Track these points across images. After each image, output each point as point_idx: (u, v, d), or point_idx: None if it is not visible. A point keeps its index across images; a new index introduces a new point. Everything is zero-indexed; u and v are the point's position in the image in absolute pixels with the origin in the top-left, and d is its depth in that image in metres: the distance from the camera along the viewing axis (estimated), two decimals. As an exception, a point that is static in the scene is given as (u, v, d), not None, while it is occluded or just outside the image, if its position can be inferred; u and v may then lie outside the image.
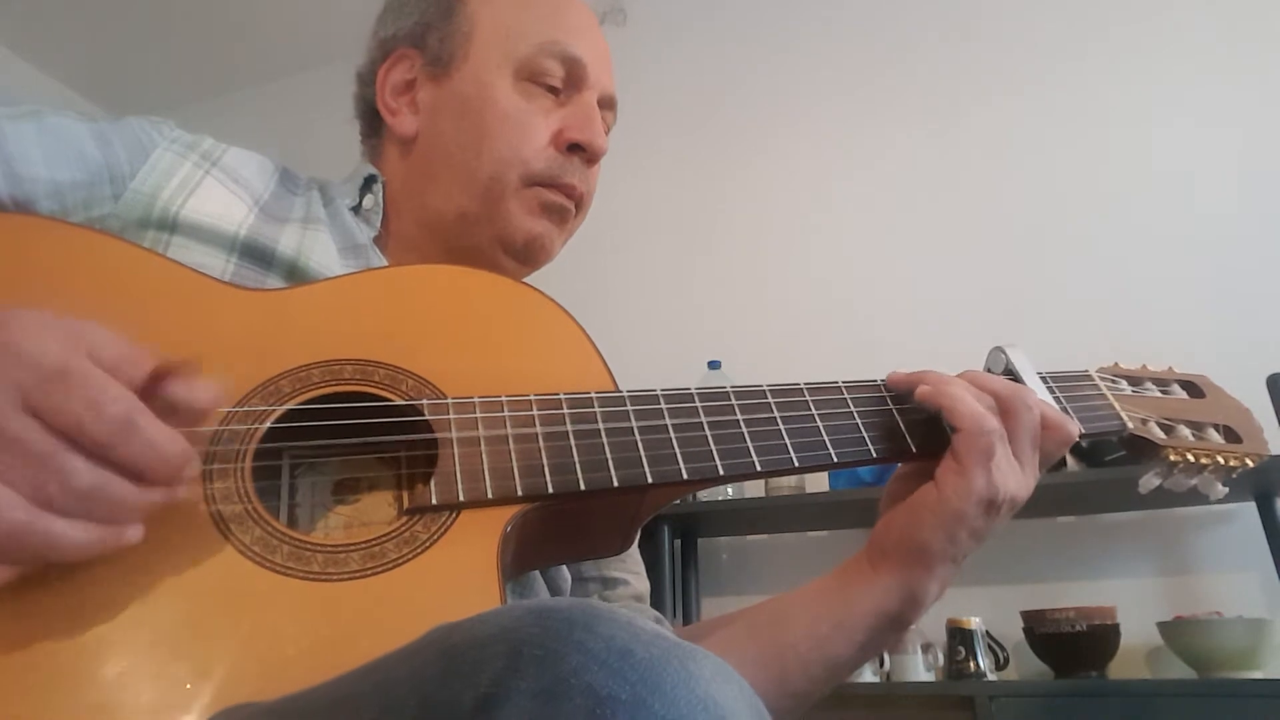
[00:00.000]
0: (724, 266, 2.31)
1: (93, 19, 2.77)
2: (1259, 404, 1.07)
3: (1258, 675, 1.48)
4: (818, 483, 1.90)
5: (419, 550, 0.45)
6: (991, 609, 1.74)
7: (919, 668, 1.71)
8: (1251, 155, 1.93)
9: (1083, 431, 0.62)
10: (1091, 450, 1.66)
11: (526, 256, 0.71)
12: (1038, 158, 2.11)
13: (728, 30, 2.54)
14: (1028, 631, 1.65)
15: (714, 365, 2.02)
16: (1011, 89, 2.19)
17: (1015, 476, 0.55)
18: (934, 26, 2.32)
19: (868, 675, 1.73)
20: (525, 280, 0.61)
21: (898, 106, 2.29)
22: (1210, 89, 2.01)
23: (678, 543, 2.02)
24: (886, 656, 1.75)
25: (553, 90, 0.71)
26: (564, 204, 0.71)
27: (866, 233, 2.21)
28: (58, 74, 2.98)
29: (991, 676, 1.66)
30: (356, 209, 0.72)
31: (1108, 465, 1.62)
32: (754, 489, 1.97)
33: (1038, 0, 2.22)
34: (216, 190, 0.63)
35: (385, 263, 0.69)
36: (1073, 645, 1.58)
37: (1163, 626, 1.58)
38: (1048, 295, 1.96)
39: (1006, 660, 1.72)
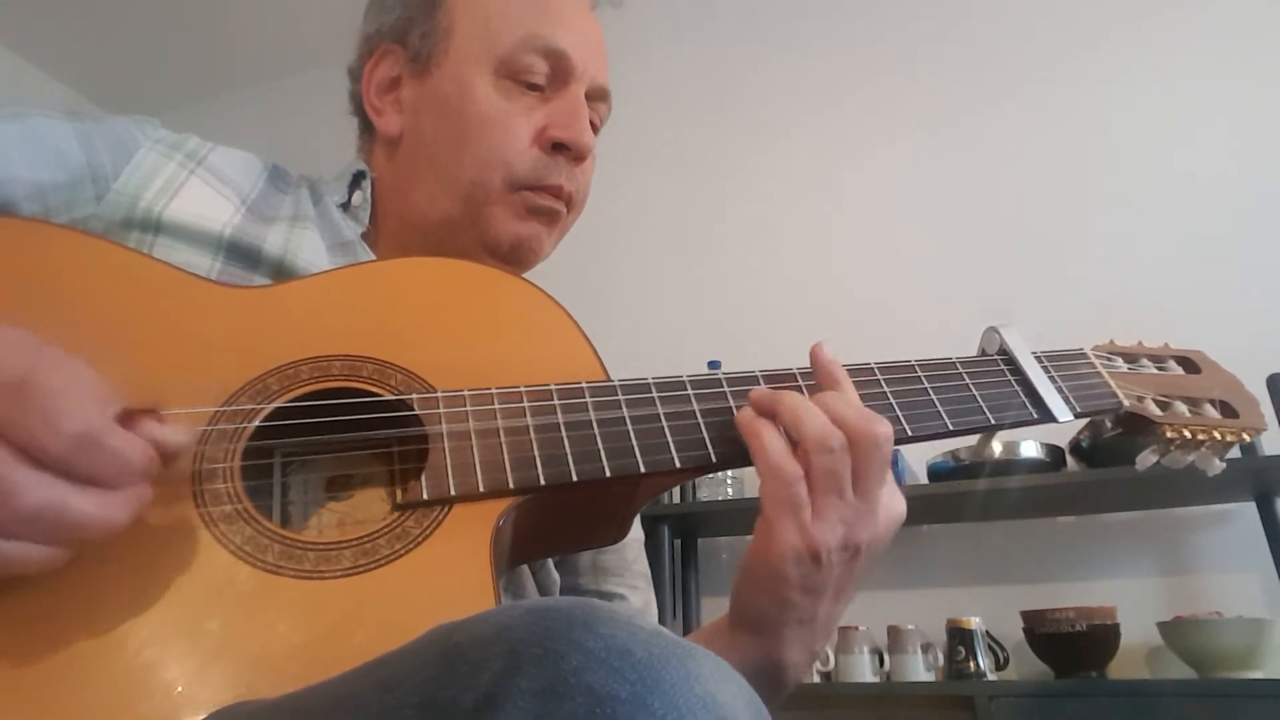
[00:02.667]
0: (724, 266, 2.31)
1: (93, 19, 2.77)
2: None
3: (1258, 675, 1.48)
4: (817, 482, 1.89)
5: (411, 546, 0.44)
6: (991, 609, 1.73)
7: (919, 668, 1.70)
8: (1253, 154, 1.93)
9: (1077, 410, 0.60)
10: (1091, 449, 1.65)
11: (514, 259, 0.69)
12: (1038, 158, 2.11)
13: (728, 30, 2.54)
14: (1028, 631, 1.65)
15: (714, 365, 2.02)
16: (1013, 87, 2.19)
17: (852, 522, 0.48)
18: (935, 26, 2.31)
19: (868, 675, 1.73)
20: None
21: (898, 106, 2.29)
22: (1215, 87, 2.01)
23: (678, 543, 2.01)
24: (886, 656, 1.75)
25: (537, 87, 0.68)
26: (552, 206, 0.68)
27: (867, 232, 2.21)
28: (58, 74, 2.98)
29: (991, 676, 1.66)
30: (345, 206, 0.71)
31: (1108, 465, 1.61)
32: (754, 489, 1.96)
33: (1038, -1, 2.23)
34: (201, 190, 0.62)
35: (374, 258, 0.68)
36: (1073, 645, 1.58)
37: (1163, 626, 1.58)
38: (1047, 298, 1.96)
39: (1006, 660, 1.72)
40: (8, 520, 0.35)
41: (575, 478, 0.48)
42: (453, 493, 0.46)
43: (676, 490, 1.97)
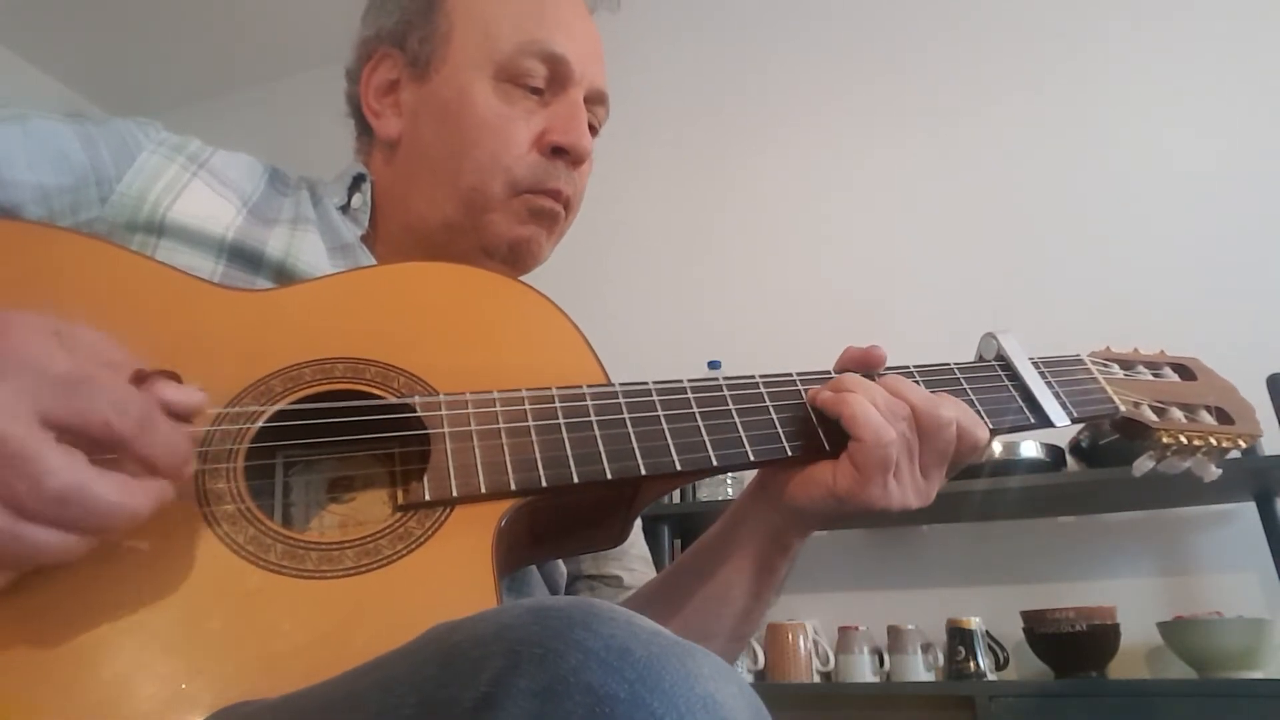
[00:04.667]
0: (724, 266, 2.31)
1: (93, 19, 2.77)
2: (1259, 404, 1.07)
3: (1258, 675, 1.48)
4: (817, 482, 1.89)
5: (413, 546, 0.45)
6: (991, 609, 1.74)
7: (919, 668, 1.70)
8: (1254, 154, 1.93)
9: (1074, 415, 0.61)
10: (1091, 449, 1.65)
11: (514, 261, 0.70)
12: (1038, 157, 2.11)
13: (727, 32, 2.54)
14: (1028, 631, 1.65)
15: (714, 365, 2.02)
16: (1013, 86, 2.19)
17: (914, 489, 0.55)
18: (933, 28, 2.31)
19: (868, 675, 1.73)
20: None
21: (897, 106, 2.29)
22: (1213, 88, 2.01)
23: (678, 543, 2.02)
24: (886, 656, 1.75)
25: (536, 91, 0.68)
26: (552, 208, 0.69)
27: (866, 231, 2.21)
28: (58, 74, 2.98)
29: (991, 676, 1.66)
30: (345, 208, 0.71)
31: (1108, 466, 1.62)
32: (753, 489, 1.97)
33: (1038, -1, 2.23)
34: (203, 192, 0.62)
35: (374, 261, 0.68)
36: (1073, 645, 1.58)
37: (1163, 626, 1.58)
38: (1047, 298, 1.96)
39: (1006, 660, 1.72)
40: (35, 502, 0.34)
41: (576, 479, 0.49)
42: (454, 493, 0.46)
43: (676, 490, 1.98)
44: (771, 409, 0.56)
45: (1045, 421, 0.60)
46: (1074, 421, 0.61)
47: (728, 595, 0.61)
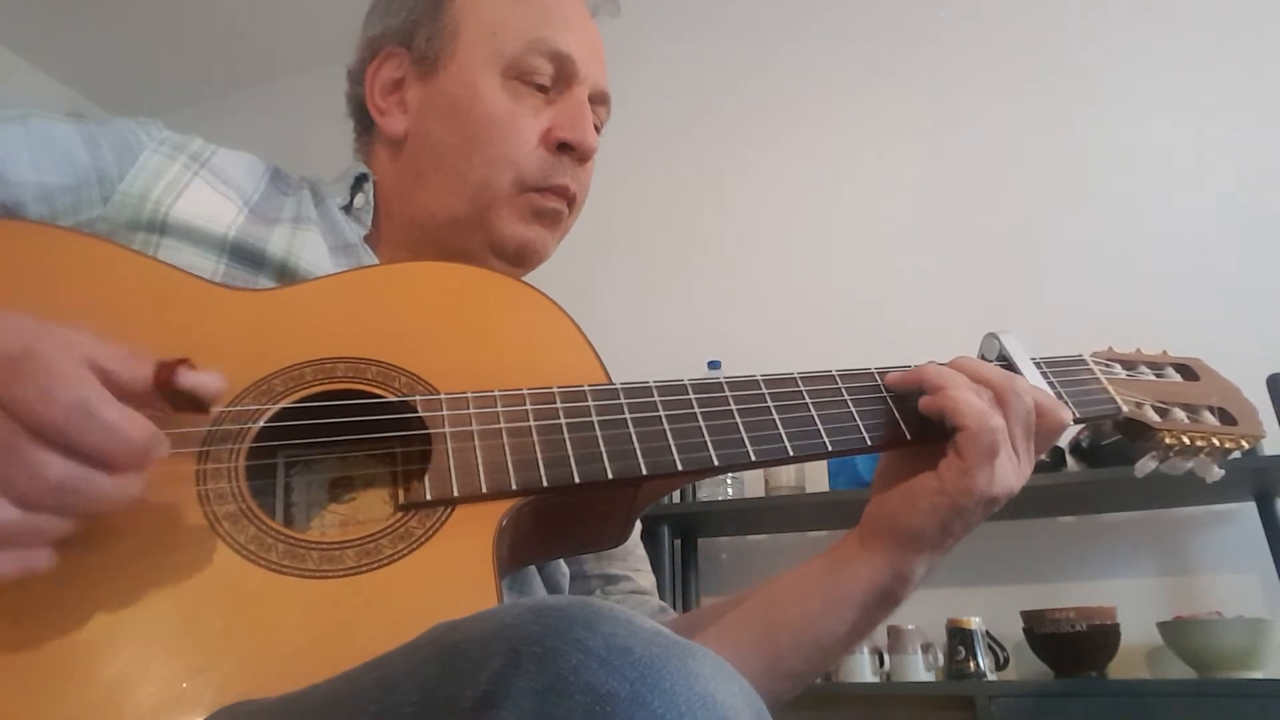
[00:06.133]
0: (724, 266, 2.31)
1: (93, 19, 2.77)
2: (1259, 404, 1.07)
3: (1258, 675, 1.48)
4: (818, 482, 1.89)
5: (414, 546, 0.45)
6: (991, 609, 1.74)
7: (919, 668, 1.70)
8: (1253, 154, 1.93)
9: (1076, 416, 0.61)
10: (1091, 450, 1.65)
11: (519, 260, 0.70)
12: (1037, 161, 2.11)
13: (727, 33, 2.54)
14: (1028, 631, 1.65)
15: (714, 365, 2.02)
16: (1013, 85, 2.19)
17: (1014, 469, 0.55)
18: (934, 28, 2.31)
19: (868, 675, 1.73)
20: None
21: (896, 105, 2.29)
22: (1214, 86, 2.01)
23: (678, 543, 2.02)
24: (886, 656, 1.75)
25: (542, 88, 0.70)
26: (557, 208, 0.70)
27: (867, 231, 2.21)
28: (58, 74, 2.98)
29: (991, 676, 1.66)
30: (347, 208, 0.71)
31: (1108, 466, 1.62)
32: (754, 489, 1.97)
33: None
34: (205, 192, 0.63)
35: (376, 261, 0.68)
36: (1073, 645, 1.58)
37: (1163, 626, 1.58)
38: (1048, 299, 1.96)
39: (1006, 660, 1.72)
40: (36, 495, 0.35)
41: (578, 479, 0.49)
42: (455, 493, 0.46)
43: (676, 490, 1.98)
44: (773, 409, 0.56)
45: None
46: (1076, 422, 0.62)
47: (823, 641, 0.59)
